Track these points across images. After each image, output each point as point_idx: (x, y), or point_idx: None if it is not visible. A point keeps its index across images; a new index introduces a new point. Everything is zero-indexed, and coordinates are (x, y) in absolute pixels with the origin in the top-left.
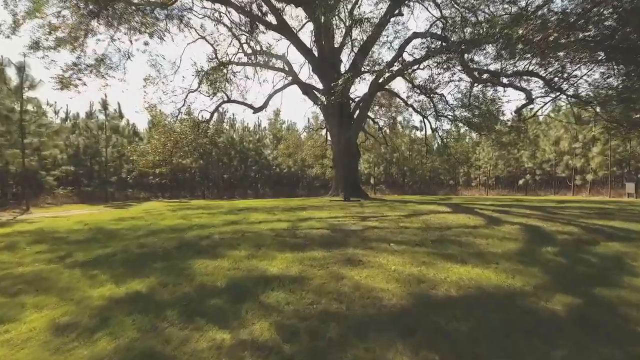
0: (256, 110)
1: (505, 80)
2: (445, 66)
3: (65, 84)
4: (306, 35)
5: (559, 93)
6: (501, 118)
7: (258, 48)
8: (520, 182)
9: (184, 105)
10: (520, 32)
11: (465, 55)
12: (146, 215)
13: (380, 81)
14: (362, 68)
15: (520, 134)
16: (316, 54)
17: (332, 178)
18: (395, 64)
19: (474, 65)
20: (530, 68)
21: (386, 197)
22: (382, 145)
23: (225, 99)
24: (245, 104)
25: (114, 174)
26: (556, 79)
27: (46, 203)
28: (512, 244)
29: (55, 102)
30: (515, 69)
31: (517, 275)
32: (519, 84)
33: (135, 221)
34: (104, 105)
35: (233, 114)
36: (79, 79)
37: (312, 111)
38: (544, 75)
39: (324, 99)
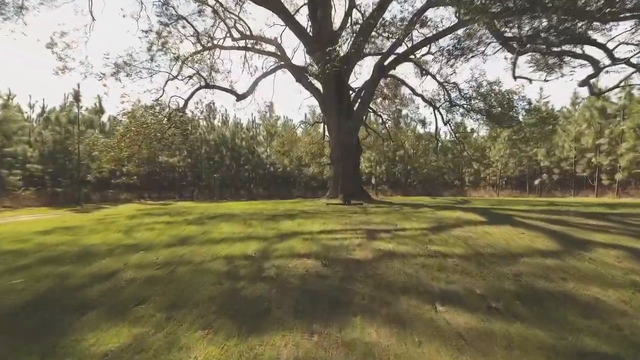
0: (240, 97)
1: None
2: (480, 26)
3: None
4: (302, 19)
5: (634, 70)
6: (523, 108)
7: (248, 33)
8: (536, 182)
9: (162, 94)
10: None
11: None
12: (89, 225)
13: (386, 63)
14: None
15: (548, 126)
16: (311, 32)
17: (331, 177)
18: (401, 46)
19: (514, 33)
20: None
21: (391, 198)
22: (386, 142)
23: (203, 83)
24: (227, 90)
25: (91, 172)
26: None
27: (2, 206)
28: None
29: (30, 96)
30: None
31: None
32: (580, 51)
33: (56, 236)
34: (76, 96)
35: (225, 109)
36: None
37: (309, 104)
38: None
39: (317, 66)
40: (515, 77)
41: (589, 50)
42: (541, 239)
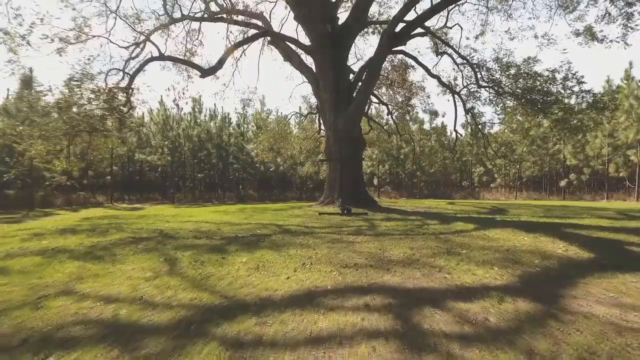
0: (206, 72)
1: None
2: None
3: None
4: None
5: None
6: (570, 89)
7: (229, 7)
8: (562, 183)
9: (123, 76)
10: None
11: None
12: None
13: (397, 29)
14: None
15: (605, 110)
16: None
17: (326, 178)
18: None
19: None
20: None
21: (398, 202)
22: (392, 137)
23: (157, 54)
24: (188, 63)
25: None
26: None
27: None
28: None
29: None
30: None
31: None
32: None
33: None
34: (26, 80)
35: (214, 104)
36: None
37: (302, 94)
38: None
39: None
40: (519, 73)
41: None
42: None
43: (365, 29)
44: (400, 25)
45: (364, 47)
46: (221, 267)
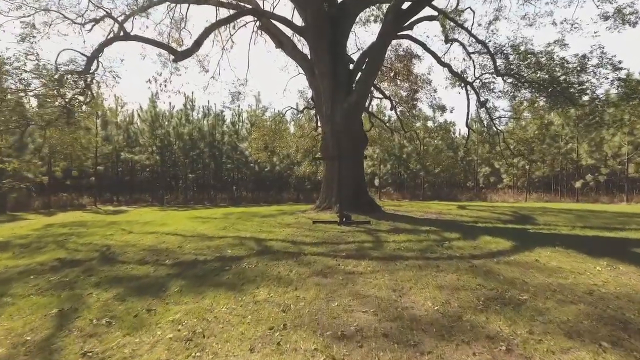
0: (180, 55)
1: None
2: None
3: None
4: None
5: None
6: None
7: None
8: (578, 184)
9: (98, 67)
10: None
11: None
12: None
13: (405, 5)
14: None
15: None
16: None
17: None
18: None
19: None
20: None
21: (402, 205)
22: (396, 134)
23: (122, 33)
24: (157, 43)
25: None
26: None
27: None
28: None
29: None
30: None
31: None
32: None
33: None
34: None
35: (208, 101)
36: None
37: (299, 89)
38: None
39: None
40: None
41: None
42: None
43: (366, 14)
44: (407, 5)
45: (364, 36)
46: (132, 336)
